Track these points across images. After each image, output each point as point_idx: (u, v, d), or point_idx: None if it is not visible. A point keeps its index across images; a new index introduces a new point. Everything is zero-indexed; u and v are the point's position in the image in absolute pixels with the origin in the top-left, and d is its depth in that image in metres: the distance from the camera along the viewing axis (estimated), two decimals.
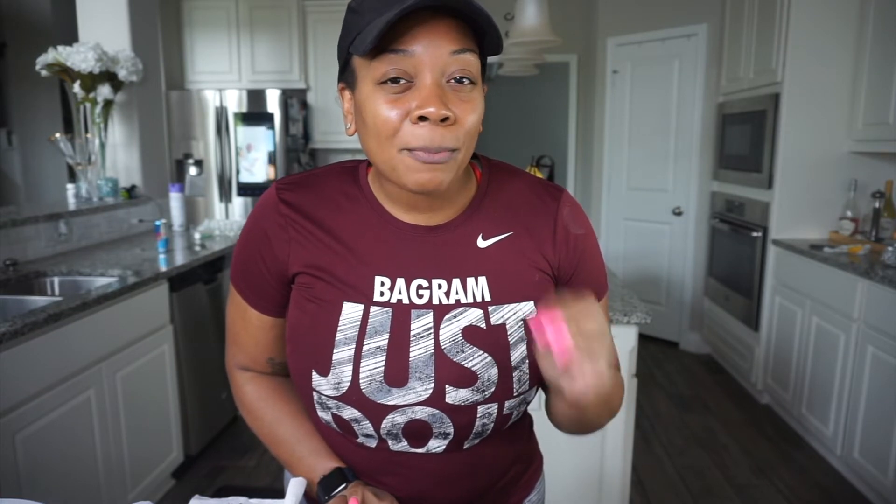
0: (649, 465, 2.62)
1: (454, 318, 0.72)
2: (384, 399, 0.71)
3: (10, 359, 1.55)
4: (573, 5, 4.58)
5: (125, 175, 3.17)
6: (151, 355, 2.20)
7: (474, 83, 0.66)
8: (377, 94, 0.65)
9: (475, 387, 0.72)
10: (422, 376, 0.71)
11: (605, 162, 4.36)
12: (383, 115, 0.64)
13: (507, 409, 0.74)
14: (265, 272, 0.76)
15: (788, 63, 2.92)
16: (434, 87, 0.63)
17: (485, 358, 0.72)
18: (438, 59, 0.63)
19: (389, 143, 0.65)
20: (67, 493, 1.75)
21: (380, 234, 0.74)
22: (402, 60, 0.63)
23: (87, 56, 2.72)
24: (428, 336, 0.72)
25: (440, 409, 0.72)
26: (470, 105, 0.66)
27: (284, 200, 0.75)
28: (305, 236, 0.74)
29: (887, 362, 2.20)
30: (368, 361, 0.71)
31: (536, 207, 0.77)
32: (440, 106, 0.62)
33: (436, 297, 0.73)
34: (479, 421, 0.73)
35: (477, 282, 0.73)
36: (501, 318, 0.73)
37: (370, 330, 0.71)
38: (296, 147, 4.39)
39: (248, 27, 4.36)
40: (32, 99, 4.86)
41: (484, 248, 0.75)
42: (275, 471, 2.52)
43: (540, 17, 2.68)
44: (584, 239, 0.79)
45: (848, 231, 2.88)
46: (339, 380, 0.71)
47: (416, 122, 0.63)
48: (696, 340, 4.03)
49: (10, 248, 2.27)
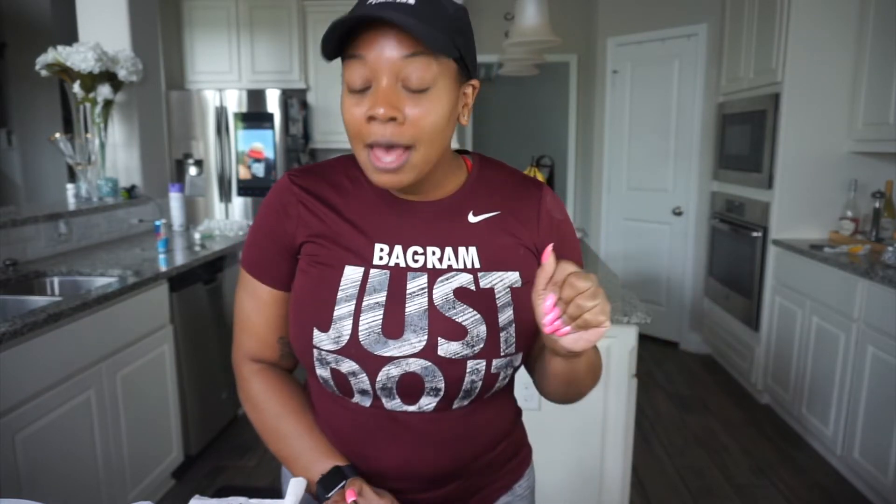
0: (649, 465, 2.62)
1: (446, 280, 0.79)
2: (381, 350, 0.76)
3: (10, 359, 1.55)
4: (573, 5, 4.58)
5: (125, 175, 3.17)
6: (151, 355, 2.20)
7: (430, 87, 0.71)
8: (347, 97, 0.73)
9: (465, 341, 0.77)
10: (416, 329, 0.77)
11: (605, 162, 4.36)
12: (348, 115, 0.72)
13: (494, 368, 0.79)
14: (276, 246, 0.83)
15: (788, 63, 2.92)
16: (385, 91, 0.69)
17: (474, 315, 0.78)
18: (391, 64, 0.69)
19: (357, 141, 0.73)
20: (67, 493, 1.75)
21: (380, 209, 0.81)
22: (360, 65, 0.70)
23: (87, 56, 2.71)
24: (423, 294, 0.78)
25: (432, 361, 0.76)
26: (424, 108, 0.71)
27: (296, 183, 0.82)
28: (313, 212, 0.81)
29: (887, 362, 2.20)
30: (367, 315, 0.77)
31: (522, 195, 0.85)
32: (388, 108, 0.69)
33: (430, 262, 0.79)
34: (469, 377, 0.78)
35: (468, 251, 0.80)
36: (489, 283, 0.80)
37: (369, 288, 0.78)
38: (296, 147, 4.39)
39: (248, 27, 4.36)
40: (32, 99, 4.86)
41: (474, 222, 0.82)
42: (275, 471, 2.52)
43: (540, 17, 2.68)
44: (565, 225, 0.87)
45: (848, 231, 2.88)
46: (339, 334, 0.76)
47: (369, 122, 0.70)
48: (696, 340, 4.03)
49: (10, 248, 2.27)
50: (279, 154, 4.20)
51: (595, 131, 4.44)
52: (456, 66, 0.73)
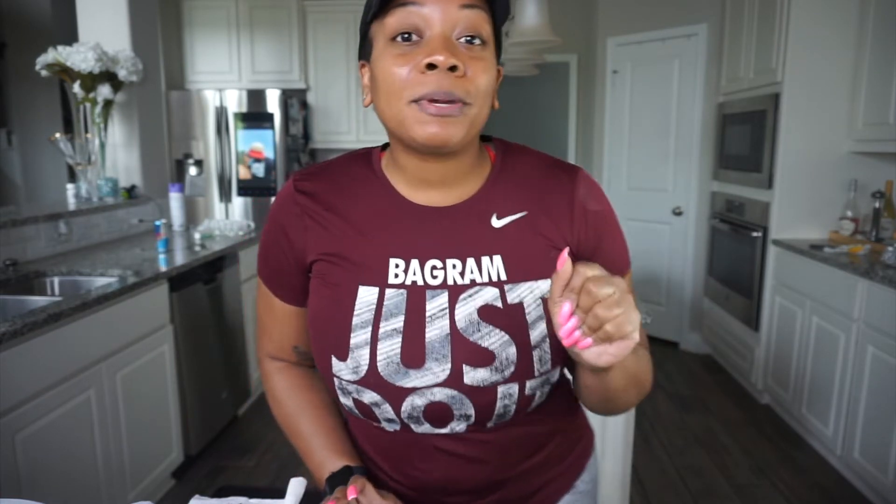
0: (649, 465, 2.62)
1: (469, 298, 0.71)
2: (402, 381, 0.71)
3: (10, 359, 1.55)
4: (573, 5, 4.58)
5: (125, 175, 3.17)
6: (151, 355, 2.20)
7: (485, 42, 0.66)
8: (388, 51, 0.66)
9: (493, 366, 0.70)
10: (438, 357, 0.70)
11: (605, 162, 4.36)
12: (393, 69, 0.65)
13: (528, 390, 0.72)
14: (285, 261, 0.78)
15: (788, 63, 2.91)
16: (443, 39, 0.64)
17: (502, 336, 0.71)
18: (447, 14, 0.64)
19: (398, 97, 0.65)
20: (67, 493, 1.75)
21: (393, 216, 0.74)
22: (411, 14, 0.64)
23: (87, 56, 2.72)
24: (443, 316, 0.71)
25: (459, 390, 0.71)
26: (482, 63, 0.66)
27: (301, 190, 0.77)
28: (321, 223, 0.75)
29: (887, 362, 2.20)
30: (385, 344, 0.71)
31: (552, 186, 0.76)
32: (448, 55, 0.63)
33: (450, 277, 0.72)
34: (500, 402, 0.72)
35: (492, 261, 0.72)
36: (518, 297, 0.72)
37: (385, 313, 0.71)
38: (296, 147, 4.39)
39: (248, 27, 4.36)
40: (32, 99, 4.86)
41: (499, 227, 0.74)
42: (275, 471, 2.53)
43: (540, 17, 2.68)
44: (603, 216, 0.77)
45: (848, 231, 2.88)
46: (357, 363, 0.72)
47: (424, 72, 0.63)
48: (696, 340, 4.03)
49: (10, 248, 2.27)
50: (279, 154, 4.20)
51: (595, 131, 4.44)
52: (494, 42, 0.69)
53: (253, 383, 3.10)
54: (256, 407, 3.12)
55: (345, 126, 4.55)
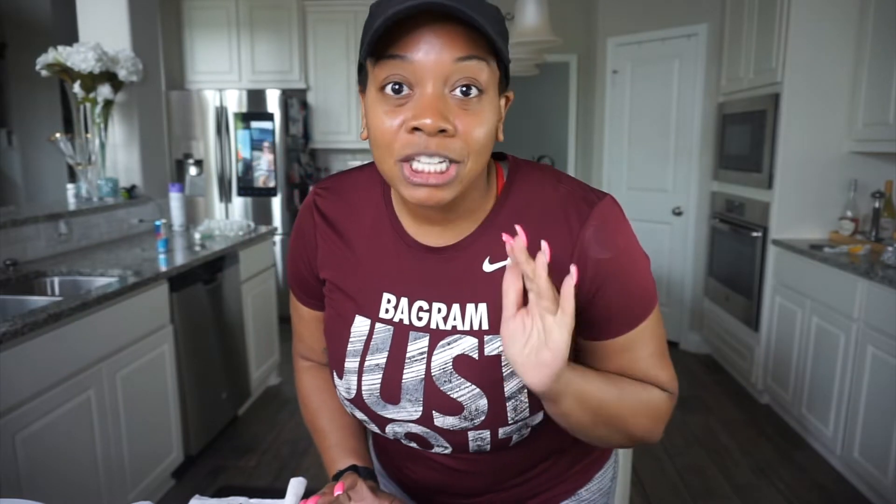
0: (649, 465, 2.62)
1: (448, 346, 0.72)
2: (382, 412, 0.75)
3: (10, 359, 1.55)
4: (573, 5, 4.58)
5: (125, 175, 3.17)
6: (151, 355, 2.20)
7: (482, 92, 0.61)
8: (378, 102, 0.62)
9: (462, 415, 0.72)
10: (412, 399, 0.73)
11: (605, 162, 4.36)
12: (381, 124, 0.62)
13: (502, 435, 0.72)
14: (305, 270, 0.82)
15: (788, 63, 2.91)
16: (432, 98, 0.59)
17: (472, 390, 0.70)
18: (440, 67, 0.59)
19: (388, 153, 0.62)
20: (67, 493, 1.75)
21: (391, 251, 0.75)
22: (401, 66, 0.59)
23: (87, 56, 2.71)
24: (421, 360, 0.72)
25: (431, 429, 0.74)
26: (476, 118, 0.61)
27: (318, 207, 0.79)
28: (329, 246, 0.78)
29: (887, 362, 2.20)
30: (368, 377, 0.75)
31: (555, 228, 0.69)
32: (437, 117, 0.58)
33: (434, 321, 0.72)
34: (473, 443, 0.74)
35: (476, 308, 0.71)
36: (496, 349, 0.70)
37: (373, 347, 0.75)
38: (296, 147, 4.39)
39: (248, 27, 4.37)
40: (32, 99, 4.87)
41: (490, 272, 0.70)
42: (275, 471, 2.53)
43: (540, 17, 2.69)
44: (607, 264, 0.68)
45: (848, 231, 2.88)
46: (349, 385, 0.76)
47: (412, 132, 0.60)
48: (696, 340, 4.03)
49: (10, 248, 2.27)
50: (279, 154, 4.20)
51: (595, 131, 4.44)
52: (499, 73, 0.64)
53: (253, 383, 3.10)
54: (257, 407, 3.12)
55: (345, 126, 4.55)
